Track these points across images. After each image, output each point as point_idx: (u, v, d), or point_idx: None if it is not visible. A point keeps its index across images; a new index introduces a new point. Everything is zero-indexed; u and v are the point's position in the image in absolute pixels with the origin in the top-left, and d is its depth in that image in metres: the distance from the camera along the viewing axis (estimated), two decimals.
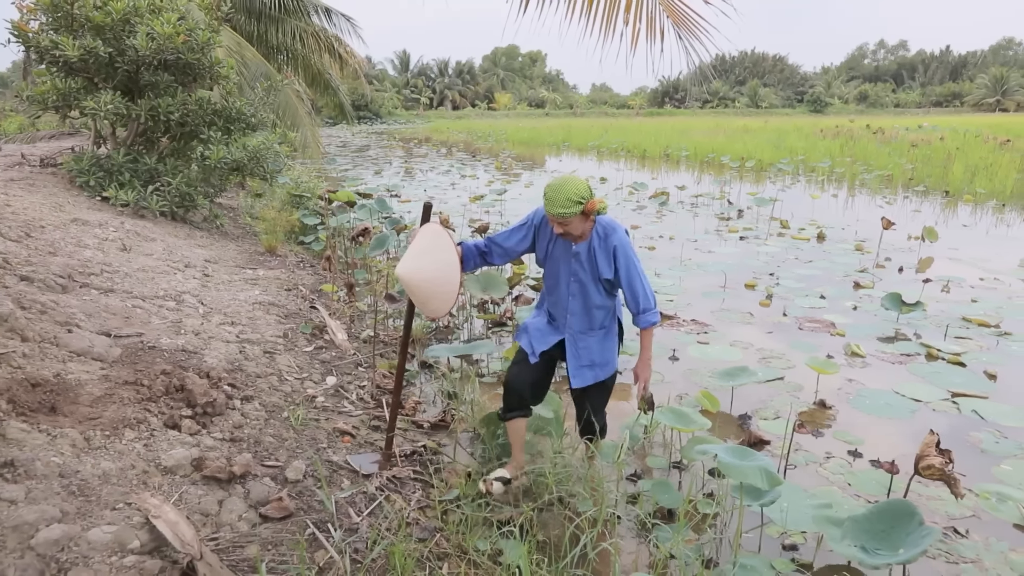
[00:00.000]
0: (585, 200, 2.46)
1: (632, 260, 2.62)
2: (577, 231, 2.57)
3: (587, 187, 2.51)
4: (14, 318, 3.12)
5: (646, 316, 2.65)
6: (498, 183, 14.67)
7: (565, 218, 2.48)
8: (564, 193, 2.45)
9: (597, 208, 2.49)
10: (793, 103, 79.96)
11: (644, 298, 2.63)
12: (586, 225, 2.58)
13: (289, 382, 3.73)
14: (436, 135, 37.74)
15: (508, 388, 2.85)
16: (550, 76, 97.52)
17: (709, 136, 26.55)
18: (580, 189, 2.47)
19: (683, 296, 6.05)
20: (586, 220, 2.56)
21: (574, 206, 2.45)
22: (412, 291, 2.56)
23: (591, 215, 2.51)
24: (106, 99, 6.12)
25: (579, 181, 2.51)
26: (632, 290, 2.63)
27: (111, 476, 2.33)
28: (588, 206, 2.47)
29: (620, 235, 2.64)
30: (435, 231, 2.58)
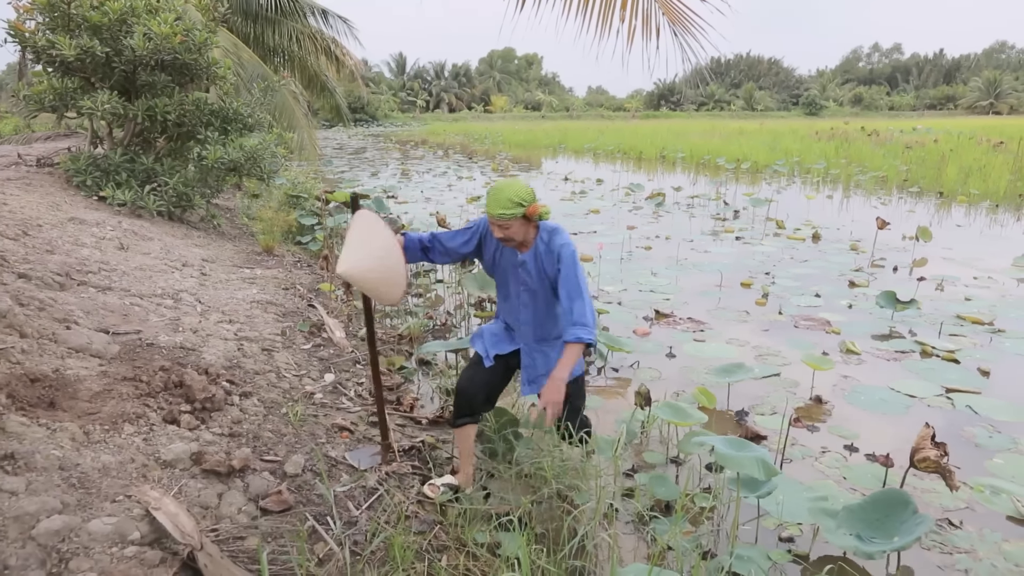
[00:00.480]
0: (527, 203, 2.40)
1: (575, 265, 2.49)
2: (519, 237, 2.49)
3: (530, 192, 2.45)
4: (12, 314, 3.13)
5: (575, 330, 2.42)
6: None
7: (505, 220, 2.41)
8: (506, 194, 2.39)
9: (539, 212, 2.44)
10: (788, 106, 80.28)
11: (580, 310, 2.44)
12: (528, 231, 2.51)
13: (287, 379, 3.74)
14: (432, 137, 37.77)
15: (459, 392, 2.75)
16: (546, 79, 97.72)
17: (705, 138, 26.64)
18: (522, 192, 2.41)
19: (679, 295, 6.07)
20: (528, 226, 2.49)
21: (515, 208, 2.38)
22: (360, 285, 2.52)
23: (533, 220, 2.46)
24: (103, 99, 6.12)
25: (522, 185, 2.46)
26: (569, 296, 2.47)
27: (111, 469, 2.34)
28: (530, 210, 2.41)
29: (564, 236, 2.55)
30: (366, 218, 2.53)
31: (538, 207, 2.44)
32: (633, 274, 6.84)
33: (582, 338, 2.41)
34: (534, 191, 2.48)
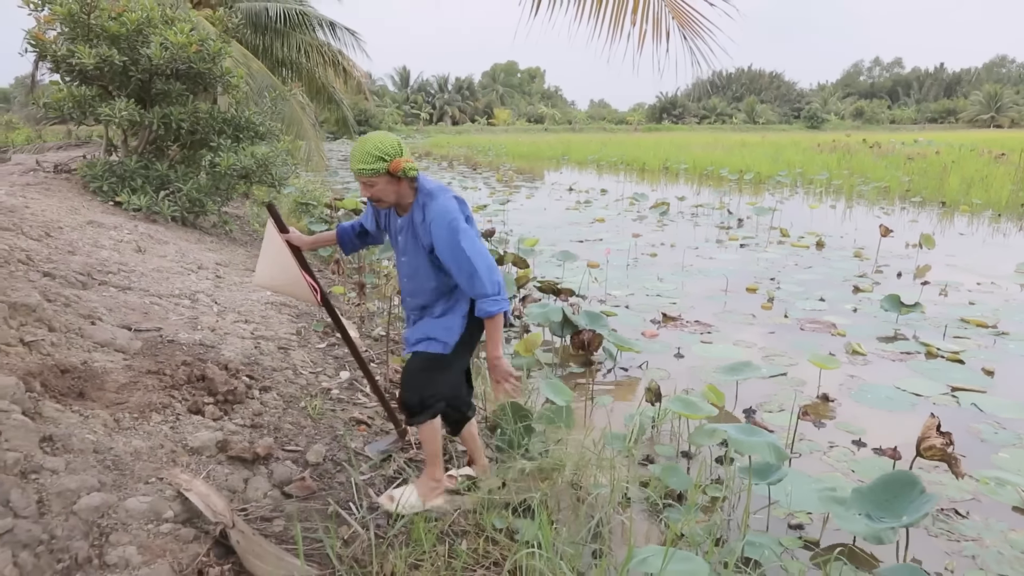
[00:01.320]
0: (389, 158, 2.18)
1: (456, 235, 2.22)
2: (388, 197, 2.29)
3: (396, 144, 2.22)
4: (41, 309, 3.22)
5: (482, 304, 2.26)
6: (500, 194, 14.82)
7: (367, 176, 2.21)
8: (366, 147, 2.19)
9: (402, 168, 2.20)
10: (790, 119, 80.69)
11: (479, 280, 2.23)
12: (401, 192, 2.29)
13: (304, 376, 3.82)
14: (436, 149, 38.02)
15: None
16: (549, 92, 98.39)
17: (708, 150, 26.80)
18: (385, 145, 2.19)
19: (686, 299, 6.15)
20: (397, 184, 2.26)
21: (376, 162, 2.17)
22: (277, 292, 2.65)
23: (398, 175, 2.22)
24: (120, 106, 6.25)
25: (389, 137, 2.24)
26: (459, 269, 2.24)
27: (142, 453, 2.41)
28: (392, 165, 2.19)
29: (441, 202, 2.26)
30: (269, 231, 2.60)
31: (401, 162, 2.20)
32: (639, 279, 6.92)
33: (491, 312, 2.25)
34: (401, 143, 2.25)
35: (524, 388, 3.82)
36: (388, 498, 2.53)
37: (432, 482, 2.59)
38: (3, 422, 2.12)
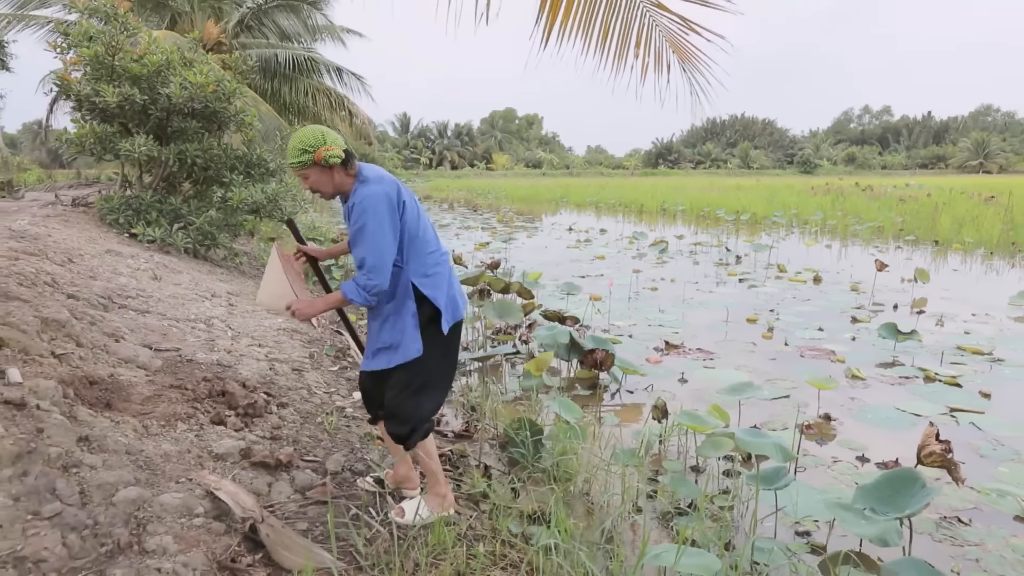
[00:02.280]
0: (312, 149, 2.23)
1: (368, 216, 2.22)
2: (326, 187, 2.35)
3: (319, 134, 2.27)
4: (70, 325, 3.34)
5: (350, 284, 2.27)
6: (501, 234, 15.07)
7: (298, 168, 2.29)
8: (292, 143, 2.27)
9: (324, 156, 2.23)
10: (783, 164, 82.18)
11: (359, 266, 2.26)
12: (335, 180, 2.33)
13: (318, 395, 3.91)
14: (437, 193, 38.59)
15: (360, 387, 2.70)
16: (547, 138, 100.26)
17: (704, 192, 27.30)
18: (308, 138, 2.25)
19: (687, 329, 6.27)
20: (328, 174, 2.31)
21: (302, 155, 2.24)
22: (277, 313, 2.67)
23: (323, 164, 2.26)
24: (140, 142, 6.49)
25: (313, 129, 2.29)
26: (356, 249, 2.27)
27: (171, 456, 2.50)
28: (316, 155, 2.23)
29: (369, 187, 2.28)
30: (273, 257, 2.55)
31: (323, 151, 2.23)
32: (641, 311, 7.05)
33: (349, 297, 2.26)
34: (325, 134, 2.28)
35: (534, 406, 3.91)
36: (399, 511, 2.56)
37: (437, 498, 2.60)
38: (44, 420, 2.22)
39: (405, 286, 2.38)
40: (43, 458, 2.03)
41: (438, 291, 2.41)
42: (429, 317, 2.42)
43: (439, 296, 2.41)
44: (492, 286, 5.79)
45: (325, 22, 15.18)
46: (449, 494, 2.66)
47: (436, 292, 2.40)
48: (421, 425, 2.48)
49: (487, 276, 5.87)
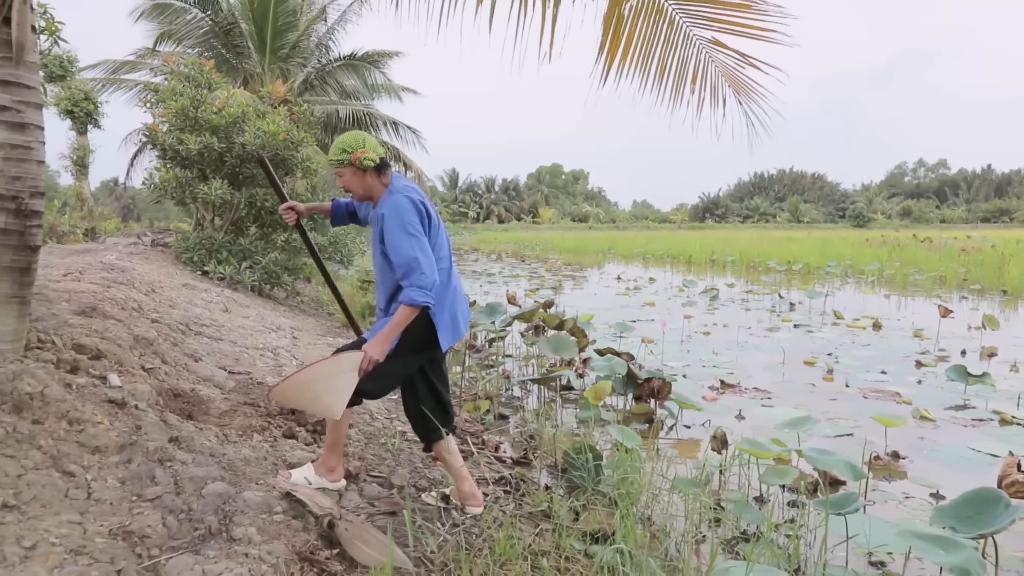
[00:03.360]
0: (351, 150, 2.40)
1: (403, 223, 2.34)
2: (357, 188, 2.49)
3: (359, 138, 2.43)
4: (157, 344, 3.56)
5: (409, 291, 2.31)
6: (550, 281, 15.21)
7: (335, 167, 2.46)
8: (336, 142, 2.45)
9: (359, 158, 2.38)
10: (835, 218, 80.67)
11: (409, 269, 2.31)
12: (366, 183, 2.47)
13: (380, 420, 4.02)
14: (484, 245, 39.26)
15: None
16: (592, 193, 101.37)
17: (753, 244, 27.00)
18: (348, 140, 2.42)
19: (742, 370, 6.18)
20: (362, 176, 2.45)
21: (341, 154, 2.41)
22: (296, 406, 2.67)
23: (358, 166, 2.41)
24: (216, 186, 6.94)
25: (354, 133, 2.46)
26: (400, 256, 2.33)
27: (250, 461, 2.63)
28: (352, 156, 2.39)
29: (397, 196, 2.42)
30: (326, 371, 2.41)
31: (359, 153, 2.39)
32: (695, 353, 6.99)
33: (413, 300, 2.29)
34: (365, 139, 2.45)
35: (590, 432, 3.90)
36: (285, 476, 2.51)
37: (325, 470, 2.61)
38: (142, 419, 2.39)
39: None
40: (143, 450, 2.18)
41: (440, 308, 2.50)
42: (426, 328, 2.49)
43: (440, 313, 2.50)
44: (547, 323, 5.87)
45: (384, 80, 16.02)
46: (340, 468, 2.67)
47: (438, 309, 2.49)
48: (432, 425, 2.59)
49: (542, 313, 5.96)
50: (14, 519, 1.56)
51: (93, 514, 1.76)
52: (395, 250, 2.35)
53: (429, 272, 2.33)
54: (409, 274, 2.32)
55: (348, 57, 15.32)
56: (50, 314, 3.24)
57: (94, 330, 3.24)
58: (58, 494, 1.76)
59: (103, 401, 2.40)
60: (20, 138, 2.44)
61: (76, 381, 2.46)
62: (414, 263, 2.32)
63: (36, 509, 1.65)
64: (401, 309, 2.34)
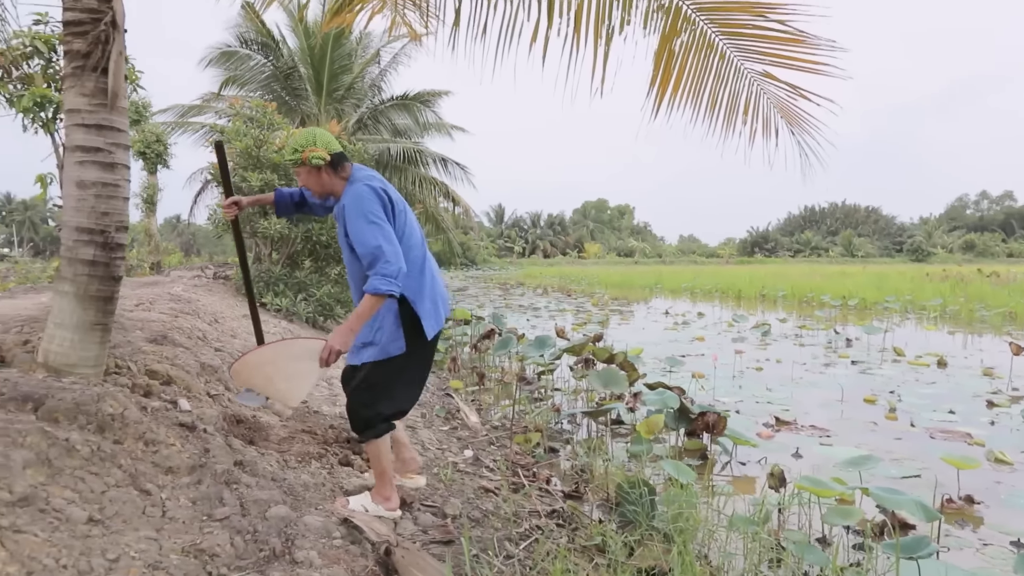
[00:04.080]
0: (302, 149, 2.41)
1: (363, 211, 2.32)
2: (316, 186, 2.49)
3: (308, 137, 2.43)
4: (220, 371, 3.70)
5: (373, 279, 2.26)
6: (597, 315, 15.14)
7: (293, 168, 2.48)
8: (289, 143, 2.48)
9: (308, 157, 2.39)
10: (891, 252, 78.04)
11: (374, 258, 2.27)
12: (322, 180, 2.47)
13: (431, 451, 4.05)
14: (530, 280, 39.38)
15: None
16: (638, 227, 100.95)
17: (805, 278, 26.31)
18: (300, 138, 2.43)
19: (798, 407, 5.99)
20: (317, 173, 2.45)
21: (293, 154, 2.44)
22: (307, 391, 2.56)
23: (311, 164, 2.42)
24: (275, 222, 7.23)
25: (307, 131, 2.46)
26: (364, 245, 2.30)
27: (310, 486, 2.69)
28: (303, 155, 2.40)
29: (356, 186, 2.40)
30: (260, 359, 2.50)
31: (309, 152, 2.40)
32: (748, 389, 6.82)
33: (378, 288, 2.24)
34: (316, 136, 2.45)
35: (643, 467, 3.85)
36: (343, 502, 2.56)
37: (382, 499, 2.62)
38: (210, 442, 2.48)
39: None
40: (211, 472, 2.26)
41: (420, 296, 2.48)
42: (411, 320, 2.50)
43: (421, 301, 2.49)
44: (596, 356, 5.84)
45: (435, 119, 16.51)
46: (395, 497, 2.66)
47: (418, 297, 2.48)
48: (377, 423, 2.53)
49: (591, 347, 5.94)
50: (99, 532, 1.64)
51: (168, 531, 1.83)
52: (358, 240, 2.33)
53: (394, 260, 2.29)
54: (374, 263, 2.29)
55: (400, 97, 15.89)
56: (125, 341, 3.42)
57: (165, 357, 3.40)
58: (136, 511, 1.85)
59: (175, 424, 2.51)
60: (110, 177, 2.63)
61: (150, 404, 2.59)
62: (378, 251, 2.29)
63: (118, 524, 1.73)
64: (366, 299, 2.29)
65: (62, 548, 1.50)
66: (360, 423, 2.55)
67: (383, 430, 2.57)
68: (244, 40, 14.91)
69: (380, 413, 2.55)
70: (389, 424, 2.60)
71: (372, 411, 2.53)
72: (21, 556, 1.38)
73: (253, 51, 15.01)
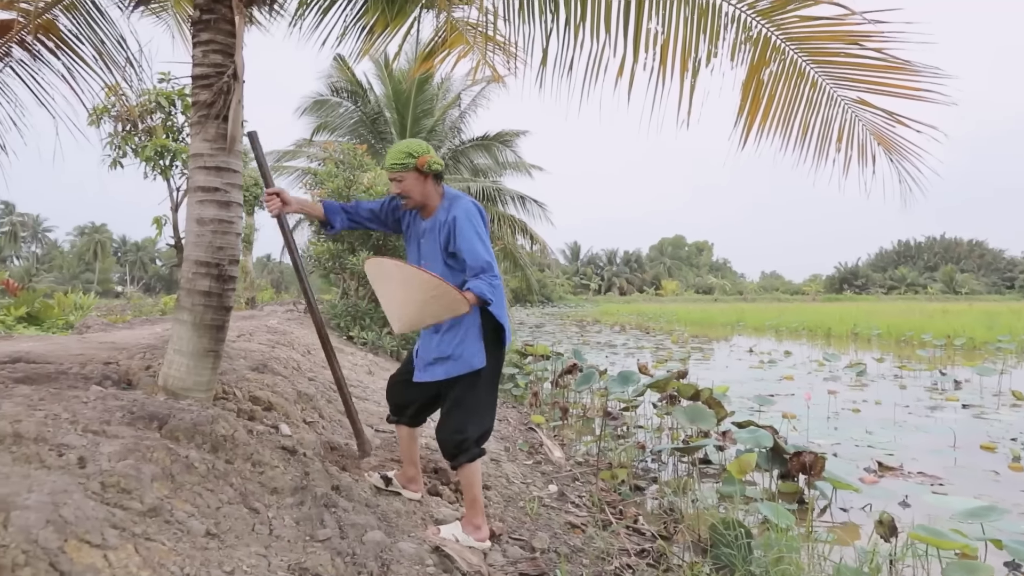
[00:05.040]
0: (416, 155, 2.48)
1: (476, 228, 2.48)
2: (415, 194, 2.54)
3: (423, 145, 2.54)
4: (315, 400, 3.86)
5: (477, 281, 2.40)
6: (678, 353, 14.77)
7: (397, 171, 2.50)
8: (399, 147, 2.52)
9: (427, 162, 2.48)
10: (1000, 289, 72.38)
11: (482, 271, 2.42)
12: (426, 190, 2.55)
13: (516, 484, 4.03)
14: (606, 317, 38.98)
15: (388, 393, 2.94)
16: (717, 264, 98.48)
17: (903, 317, 24.74)
18: (414, 145, 2.52)
19: (904, 452, 5.58)
20: (423, 182, 2.53)
21: (406, 158, 2.48)
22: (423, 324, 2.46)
23: (424, 171, 2.50)
24: (362, 257, 7.54)
25: (417, 140, 2.58)
26: (474, 258, 2.44)
27: (402, 513, 2.74)
28: (419, 161, 2.48)
29: (465, 202, 2.55)
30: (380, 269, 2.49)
31: (427, 158, 2.50)
32: (844, 431, 6.43)
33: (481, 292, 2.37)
34: (428, 146, 2.57)
35: (734, 507, 3.67)
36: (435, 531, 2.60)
37: (473, 528, 2.64)
38: (309, 466, 2.58)
39: None
40: (311, 495, 2.35)
41: (501, 308, 2.55)
42: (492, 330, 2.57)
43: (502, 313, 2.56)
44: (681, 392, 5.69)
45: (514, 158, 16.88)
46: (485, 528, 2.68)
47: (499, 309, 2.54)
48: (470, 447, 2.56)
49: (676, 383, 5.80)
50: (216, 545, 1.73)
51: (275, 549, 1.91)
52: (471, 253, 2.46)
53: (499, 276, 2.49)
54: (483, 268, 2.45)
55: (480, 137, 16.37)
56: (231, 369, 3.63)
57: (265, 384, 3.58)
58: (247, 527, 1.94)
59: (277, 448, 2.63)
60: (225, 214, 2.84)
61: (256, 428, 2.73)
62: (487, 266, 2.45)
63: (231, 539, 1.82)
64: (470, 295, 2.39)
65: (185, 557, 1.59)
66: (452, 448, 2.59)
67: (476, 454, 2.60)
68: (335, 89, 15.87)
69: (469, 437, 2.58)
70: (480, 449, 2.63)
71: (462, 435, 2.57)
72: (153, 562, 1.47)
73: (343, 99, 15.93)
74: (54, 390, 2.44)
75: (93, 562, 1.37)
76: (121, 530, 1.53)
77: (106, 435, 1.99)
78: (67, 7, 3.44)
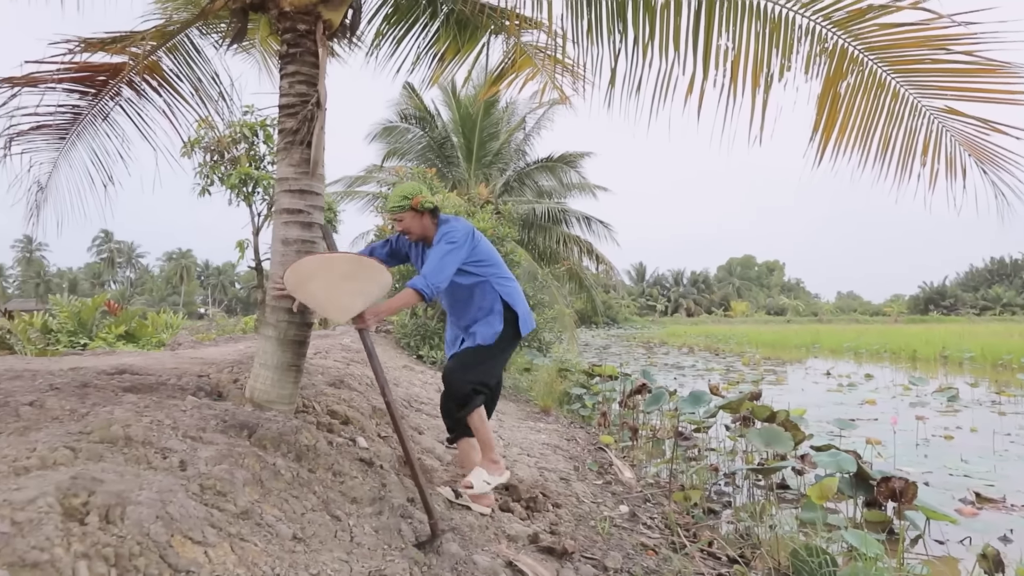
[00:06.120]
0: (411, 196, 2.86)
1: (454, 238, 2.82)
2: (416, 229, 2.95)
3: (416, 187, 2.91)
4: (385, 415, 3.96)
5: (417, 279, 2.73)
6: (750, 375, 14.30)
7: (396, 213, 2.91)
8: (396, 192, 2.92)
9: (420, 202, 2.85)
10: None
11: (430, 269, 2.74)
12: (424, 223, 2.94)
13: (586, 504, 4.00)
14: (672, 339, 38.17)
15: None
16: (789, 284, 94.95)
17: (999, 339, 23.09)
18: (408, 188, 2.89)
19: (1006, 483, 5.19)
20: (421, 218, 2.92)
21: (403, 201, 2.87)
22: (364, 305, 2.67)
23: (419, 209, 2.88)
24: None
25: (413, 183, 2.93)
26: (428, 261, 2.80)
27: (475, 528, 2.76)
28: (414, 201, 2.86)
29: (445, 227, 2.90)
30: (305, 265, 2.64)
31: (420, 199, 2.87)
32: (936, 459, 6.05)
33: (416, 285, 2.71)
34: (421, 188, 2.93)
35: (815, 534, 3.51)
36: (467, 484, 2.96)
37: (493, 464, 3.08)
38: (386, 478, 2.65)
39: (492, 295, 3.02)
40: (389, 505, 2.41)
41: (518, 303, 3.05)
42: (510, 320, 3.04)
43: (519, 305, 3.06)
44: (755, 414, 5.50)
45: (578, 179, 16.93)
46: (501, 461, 3.16)
47: (516, 302, 3.05)
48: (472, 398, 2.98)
49: (750, 404, 5.62)
50: (302, 549, 1.81)
51: (356, 555, 1.97)
52: (428, 261, 2.82)
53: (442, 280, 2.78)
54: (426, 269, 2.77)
55: (545, 159, 16.52)
56: (309, 384, 3.78)
57: (342, 399, 3.71)
58: (329, 534, 2.01)
59: (355, 459, 2.72)
60: (308, 235, 2.99)
61: (335, 440, 2.83)
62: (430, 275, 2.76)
63: (315, 544, 1.90)
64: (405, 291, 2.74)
65: (275, 559, 1.67)
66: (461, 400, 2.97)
67: (477, 403, 3.01)
68: (404, 116, 16.42)
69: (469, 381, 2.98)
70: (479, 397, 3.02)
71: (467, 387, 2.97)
72: (247, 561, 1.55)
73: (411, 125, 16.44)
74: (156, 399, 2.61)
75: (195, 557, 1.46)
76: (218, 529, 1.63)
77: (202, 441, 2.12)
78: (170, 48, 3.73)
